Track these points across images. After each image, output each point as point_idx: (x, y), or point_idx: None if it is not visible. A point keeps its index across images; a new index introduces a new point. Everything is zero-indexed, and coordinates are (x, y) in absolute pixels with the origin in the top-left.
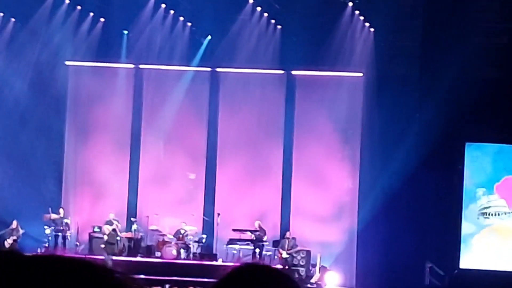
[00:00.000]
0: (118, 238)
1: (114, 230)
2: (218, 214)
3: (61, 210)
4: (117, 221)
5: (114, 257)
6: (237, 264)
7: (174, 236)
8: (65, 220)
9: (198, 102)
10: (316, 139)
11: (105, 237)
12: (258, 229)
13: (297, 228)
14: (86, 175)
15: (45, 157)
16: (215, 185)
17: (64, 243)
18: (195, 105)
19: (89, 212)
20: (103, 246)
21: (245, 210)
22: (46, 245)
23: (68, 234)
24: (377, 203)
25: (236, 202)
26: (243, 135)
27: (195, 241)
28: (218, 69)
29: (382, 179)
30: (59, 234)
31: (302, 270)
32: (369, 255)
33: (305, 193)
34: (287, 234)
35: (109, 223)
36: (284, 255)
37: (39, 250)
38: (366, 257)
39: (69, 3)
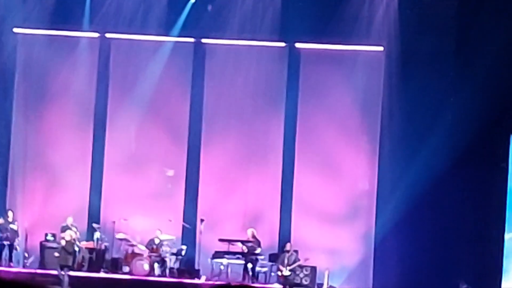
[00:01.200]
0: (77, 248)
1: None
2: (202, 220)
3: (9, 213)
4: (76, 227)
5: (71, 273)
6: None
7: (146, 247)
8: (11, 226)
9: (179, 80)
10: (323, 127)
11: (63, 242)
12: (251, 239)
13: (300, 232)
14: (37, 167)
15: None
16: (198, 181)
17: (10, 255)
18: (175, 83)
19: (41, 215)
20: (57, 254)
21: (236, 212)
22: None
23: (15, 243)
24: (399, 207)
25: (224, 202)
26: (233, 120)
27: (173, 254)
28: (204, 40)
29: (405, 178)
30: (4, 243)
31: None
32: (389, 272)
33: (310, 186)
34: (287, 246)
35: (65, 229)
36: (284, 272)
37: None
38: (385, 275)
39: None
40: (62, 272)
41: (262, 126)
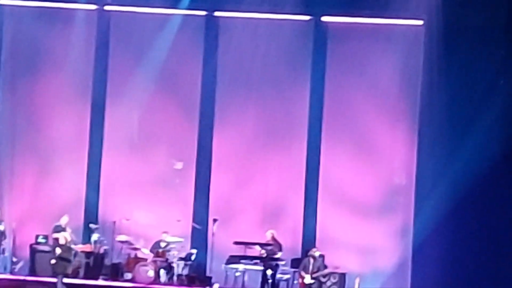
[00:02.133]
0: (73, 252)
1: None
2: (215, 220)
3: None
4: (70, 229)
5: (66, 280)
6: None
7: (151, 250)
8: None
9: (188, 58)
10: (354, 107)
11: (58, 250)
12: (270, 241)
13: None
14: (27, 157)
15: None
16: (210, 170)
17: None
18: (183, 61)
19: (31, 216)
20: (53, 262)
21: (253, 206)
22: None
23: (2, 246)
24: (441, 201)
25: (239, 194)
26: (250, 102)
27: (181, 258)
28: (217, 13)
29: (448, 169)
30: None
31: None
32: (429, 277)
33: (339, 173)
34: (312, 251)
35: (59, 229)
36: (308, 280)
37: None
38: (424, 280)
39: None
40: (63, 280)
41: (284, 107)
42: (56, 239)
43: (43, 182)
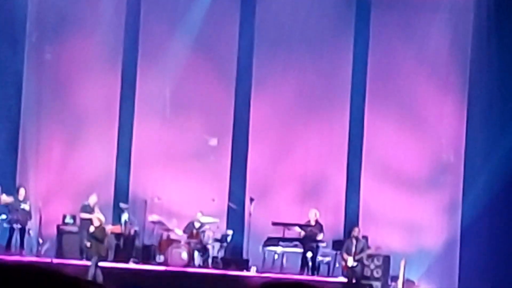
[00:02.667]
0: (108, 234)
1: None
2: (252, 200)
3: (20, 191)
4: (99, 209)
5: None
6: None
7: (184, 232)
8: (24, 206)
9: (223, 33)
10: (398, 82)
11: (92, 229)
12: (312, 222)
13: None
14: (53, 137)
15: None
16: (247, 148)
17: (21, 241)
18: (218, 37)
19: (58, 194)
20: (88, 245)
21: (292, 185)
22: None
23: (27, 226)
24: (492, 183)
25: (278, 173)
26: (290, 73)
27: (216, 240)
28: None
29: (498, 149)
30: (15, 226)
31: (376, 286)
32: (479, 263)
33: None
34: (355, 231)
35: (87, 209)
36: (350, 262)
37: None
38: (474, 266)
39: None
40: (99, 264)
41: (325, 76)
42: (89, 220)
43: (70, 157)
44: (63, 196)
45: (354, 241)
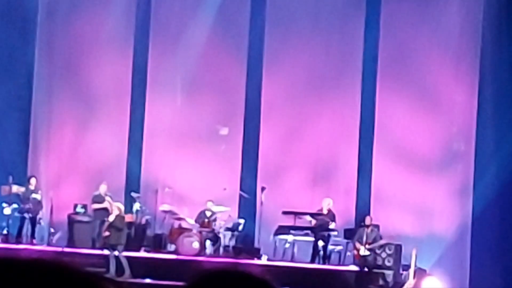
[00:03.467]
0: (124, 222)
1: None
2: (263, 188)
3: (31, 181)
4: (110, 197)
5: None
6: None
7: (196, 221)
8: (35, 196)
9: (234, 22)
10: (409, 63)
11: (112, 218)
12: (324, 211)
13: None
14: (64, 127)
15: (4, 100)
16: (258, 139)
17: (32, 230)
18: (228, 26)
19: (69, 183)
20: (107, 234)
21: (303, 170)
22: (5, 232)
23: (39, 216)
24: (503, 169)
25: (289, 159)
26: (302, 53)
27: (228, 229)
28: None
29: (510, 133)
30: (26, 216)
31: (388, 274)
32: (491, 250)
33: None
34: (367, 220)
35: (99, 199)
36: (362, 251)
37: None
38: (485, 255)
39: None
40: (116, 253)
41: (336, 56)
42: (103, 209)
43: (81, 147)
44: (74, 186)
45: (366, 230)
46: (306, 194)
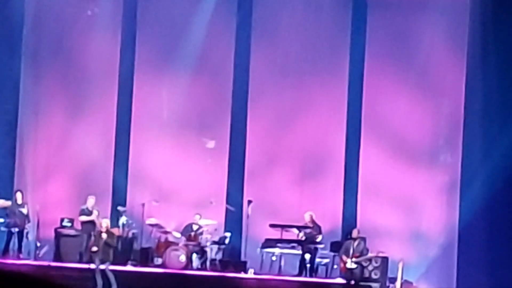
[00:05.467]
0: (114, 238)
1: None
2: (249, 202)
3: (17, 195)
4: (98, 211)
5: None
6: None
7: (182, 234)
8: (20, 210)
9: (221, 27)
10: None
11: (104, 236)
12: (309, 224)
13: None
14: (50, 140)
15: None
16: (244, 152)
17: (19, 245)
18: (216, 31)
19: (56, 197)
20: (95, 249)
21: (290, 191)
22: None
23: (25, 230)
24: (490, 185)
25: (276, 177)
26: (285, 75)
27: (214, 242)
28: None
29: (497, 152)
30: (13, 230)
31: (375, 287)
32: (478, 265)
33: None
34: (354, 233)
35: (86, 213)
36: (349, 264)
37: None
38: (472, 268)
39: None
40: (102, 267)
41: (319, 85)
42: (90, 223)
43: (68, 162)
44: (60, 200)
45: (353, 243)
46: (293, 209)
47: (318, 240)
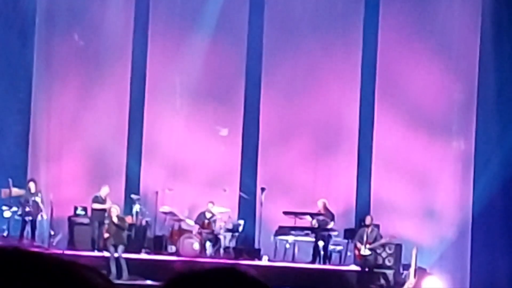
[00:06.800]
0: (126, 222)
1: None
2: (263, 189)
3: (31, 184)
4: (110, 201)
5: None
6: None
7: (196, 222)
8: (35, 198)
9: (233, 25)
10: (405, 85)
11: (115, 219)
12: (322, 211)
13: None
14: (63, 128)
15: (3, 102)
16: (257, 141)
17: (33, 232)
18: (227, 27)
19: (69, 186)
20: (107, 236)
21: (303, 178)
22: (5, 234)
23: (39, 218)
24: (504, 172)
25: (289, 165)
26: (298, 66)
27: (228, 230)
28: None
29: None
30: (26, 218)
31: (389, 274)
32: (493, 251)
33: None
34: (367, 220)
35: (99, 200)
36: (363, 251)
37: None
38: (487, 254)
39: None
40: (116, 254)
41: (333, 74)
42: (102, 211)
43: (81, 150)
44: (74, 188)
45: (366, 230)
46: (307, 196)
47: (330, 227)
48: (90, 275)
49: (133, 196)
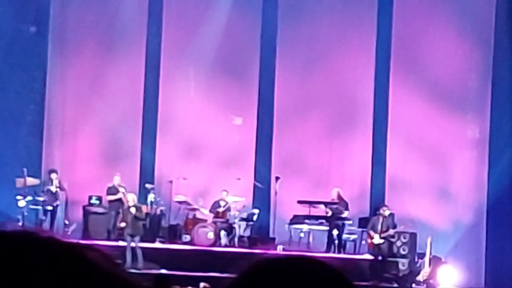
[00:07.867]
0: (143, 212)
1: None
2: (277, 178)
3: (46, 173)
4: (124, 188)
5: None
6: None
7: (210, 211)
8: (50, 188)
9: (247, 7)
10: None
11: (132, 209)
12: (336, 200)
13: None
14: (78, 118)
15: (18, 92)
16: (272, 125)
17: (51, 222)
18: (242, 10)
19: (84, 174)
20: (123, 225)
21: (318, 167)
22: (20, 224)
23: (54, 208)
24: None
25: (304, 147)
26: (313, 43)
27: (243, 219)
28: None
29: None
30: (40, 208)
31: (403, 263)
32: (509, 236)
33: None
34: (382, 209)
35: (113, 191)
36: (377, 240)
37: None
38: (503, 241)
39: None
40: (132, 244)
41: (347, 65)
42: (118, 201)
43: (96, 140)
44: (89, 177)
45: (380, 219)
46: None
47: (344, 216)
48: (93, 256)
49: (147, 185)
